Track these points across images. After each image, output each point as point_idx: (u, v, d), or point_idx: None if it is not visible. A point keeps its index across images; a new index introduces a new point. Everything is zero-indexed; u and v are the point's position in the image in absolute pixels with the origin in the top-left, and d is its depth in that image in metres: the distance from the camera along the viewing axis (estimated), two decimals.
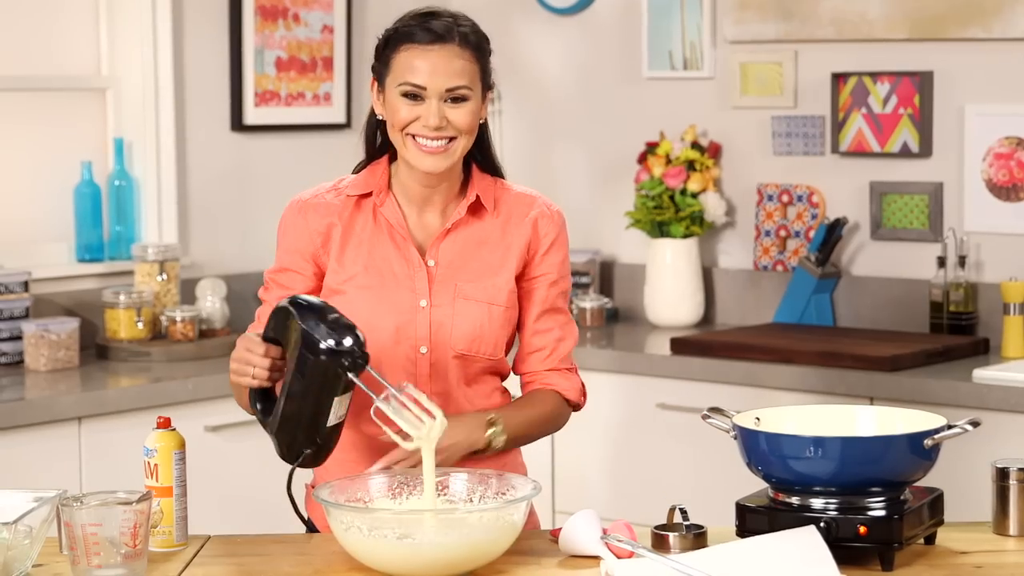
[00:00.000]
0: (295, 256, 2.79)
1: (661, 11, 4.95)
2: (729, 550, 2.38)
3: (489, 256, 2.78)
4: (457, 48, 2.70)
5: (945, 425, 2.46)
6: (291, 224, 2.81)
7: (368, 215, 2.78)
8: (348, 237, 2.77)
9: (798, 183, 4.79)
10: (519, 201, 2.82)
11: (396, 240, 2.77)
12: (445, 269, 2.76)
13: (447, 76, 2.68)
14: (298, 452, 2.55)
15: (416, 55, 2.69)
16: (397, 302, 2.74)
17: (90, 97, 4.77)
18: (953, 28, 4.46)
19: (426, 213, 2.79)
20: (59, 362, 4.30)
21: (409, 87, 2.69)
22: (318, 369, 2.50)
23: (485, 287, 2.76)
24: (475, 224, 2.79)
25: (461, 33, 2.71)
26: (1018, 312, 4.25)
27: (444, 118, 2.68)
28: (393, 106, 2.71)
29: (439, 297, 2.75)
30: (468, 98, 2.70)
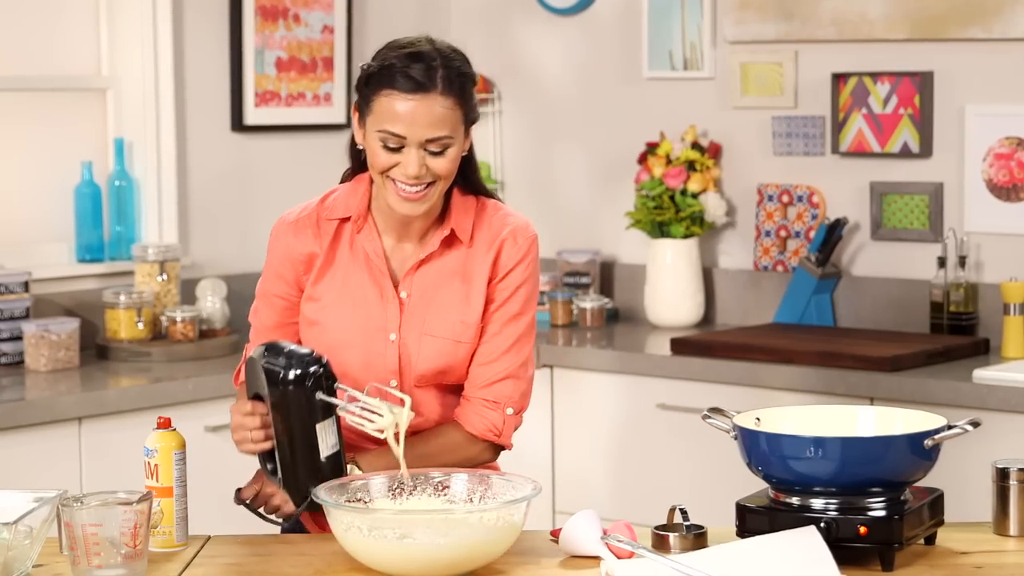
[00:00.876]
0: (279, 282, 2.80)
1: (661, 11, 4.95)
2: (729, 550, 2.38)
3: (460, 288, 2.75)
4: (439, 97, 2.62)
5: (945, 425, 2.46)
6: (276, 246, 2.80)
7: (346, 240, 2.77)
8: (327, 264, 2.77)
9: (798, 183, 4.79)
10: (491, 228, 2.76)
11: (372, 271, 2.75)
12: (416, 301, 2.74)
13: (428, 127, 2.62)
14: (306, 493, 2.54)
15: (397, 102, 2.62)
16: (368, 334, 2.74)
17: (90, 97, 4.77)
18: (953, 28, 4.46)
19: (404, 240, 2.77)
20: (59, 362, 4.29)
21: (389, 136, 2.63)
22: (289, 401, 2.51)
23: (452, 324, 2.74)
24: (449, 255, 2.76)
25: (444, 79, 2.63)
26: (1018, 312, 4.25)
27: (424, 166, 2.64)
28: (372, 148, 2.66)
29: (408, 331, 2.74)
30: (450, 146, 2.65)
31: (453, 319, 2.74)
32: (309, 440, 2.52)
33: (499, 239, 2.76)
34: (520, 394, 2.79)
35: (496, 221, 2.77)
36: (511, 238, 2.76)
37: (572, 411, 4.58)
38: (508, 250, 2.76)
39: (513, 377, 2.77)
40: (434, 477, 2.54)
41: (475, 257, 2.76)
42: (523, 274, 2.77)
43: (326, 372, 2.52)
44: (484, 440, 2.78)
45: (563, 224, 5.21)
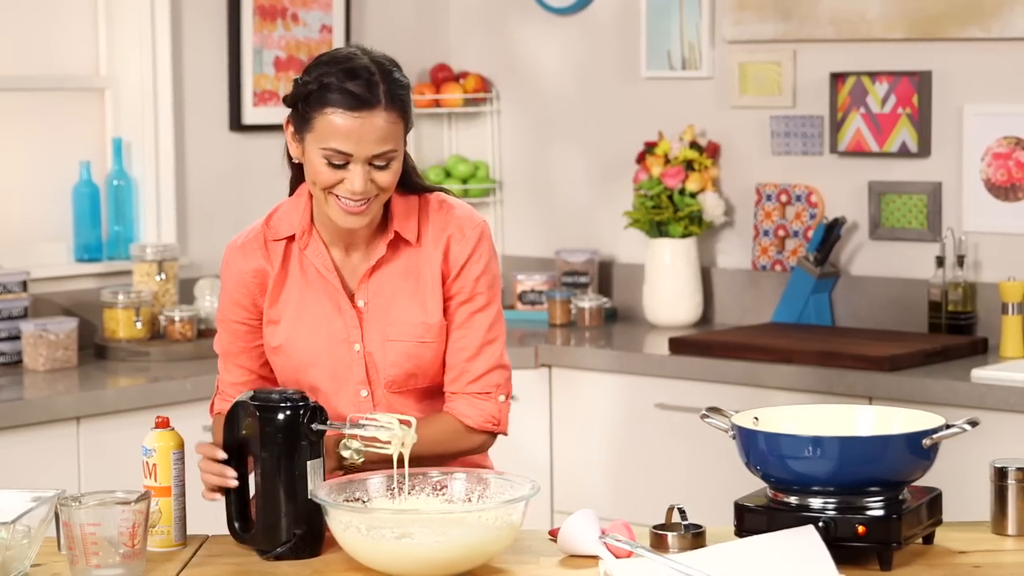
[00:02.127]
0: (236, 308, 2.79)
1: (660, 11, 4.95)
2: (728, 550, 2.38)
3: (415, 288, 2.74)
4: (383, 112, 2.60)
5: (943, 425, 2.46)
6: (228, 272, 2.79)
7: (295, 258, 2.76)
8: (280, 285, 2.76)
9: (797, 183, 4.79)
10: (437, 225, 2.75)
11: (325, 285, 2.74)
12: (374, 309, 2.73)
13: (374, 143, 2.60)
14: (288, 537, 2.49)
15: (340, 120, 2.59)
16: (332, 348, 2.74)
17: (89, 97, 4.77)
18: (952, 28, 4.46)
19: (352, 251, 2.75)
20: (57, 362, 4.29)
21: (335, 154, 2.61)
22: (283, 432, 2.48)
23: (413, 326, 2.73)
24: (399, 257, 2.75)
25: (386, 93, 2.60)
26: (1016, 312, 4.25)
27: (369, 181, 2.62)
28: (314, 166, 2.64)
29: (370, 338, 2.73)
30: (394, 159, 2.64)
31: (414, 321, 2.73)
32: (299, 477, 2.49)
33: (446, 235, 2.74)
34: (506, 379, 2.79)
35: (441, 217, 2.75)
36: (457, 232, 2.74)
37: (570, 411, 4.58)
38: (456, 245, 2.74)
39: (498, 367, 2.77)
40: (432, 477, 2.54)
41: (425, 255, 2.75)
42: (479, 266, 2.75)
43: (318, 407, 2.52)
44: (483, 431, 2.77)
45: (561, 224, 5.21)
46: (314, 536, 2.51)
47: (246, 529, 2.55)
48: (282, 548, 2.50)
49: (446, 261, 2.74)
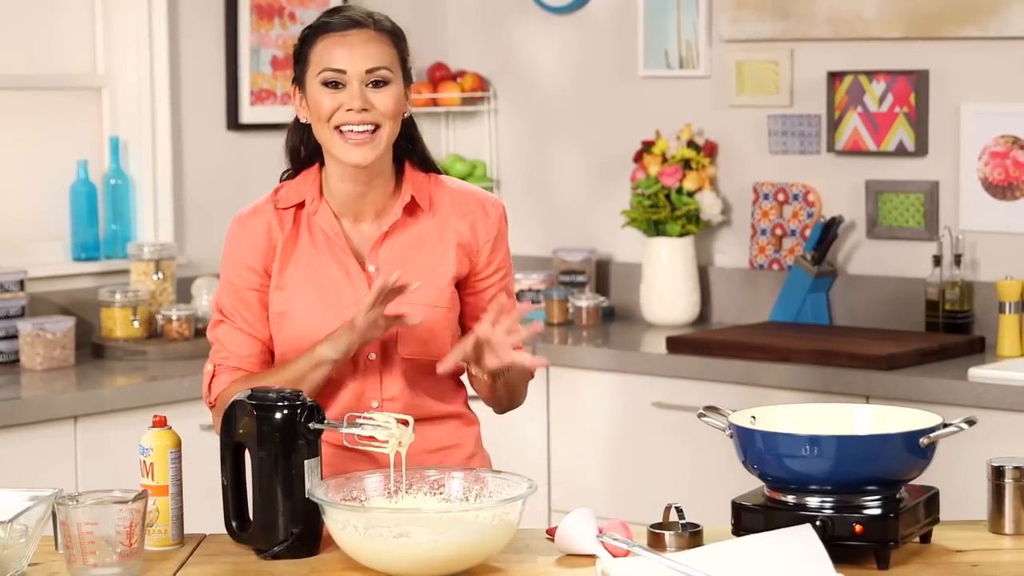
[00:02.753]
0: (247, 273, 2.77)
1: (657, 10, 4.95)
2: (725, 549, 2.38)
3: (428, 257, 2.77)
4: (374, 32, 2.71)
5: (941, 424, 2.46)
6: (237, 240, 2.79)
7: (304, 226, 2.77)
8: (288, 251, 2.77)
9: (794, 182, 4.79)
10: (456, 199, 2.80)
11: (333, 250, 2.75)
12: (386, 274, 2.73)
13: (365, 58, 2.68)
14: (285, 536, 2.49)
15: (333, 42, 2.70)
16: (341, 313, 2.72)
17: (86, 96, 4.77)
18: (949, 27, 4.46)
19: (361, 219, 2.77)
20: (55, 361, 4.29)
21: (329, 72, 2.69)
22: (280, 431, 2.48)
23: (428, 289, 2.74)
24: (412, 225, 2.77)
25: (376, 20, 2.73)
26: (1014, 311, 4.25)
27: (368, 101, 2.68)
28: (315, 99, 2.70)
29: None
30: (389, 81, 2.70)
31: (428, 286, 2.74)
32: (296, 476, 2.49)
33: (471, 212, 2.79)
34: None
35: (459, 192, 2.81)
36: (481, 209, 2.80)
37: (568, 409, 4.58)
38: (483, 223, 2.80)
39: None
40: (430, 476, 2.54)
41: (439, 224, 2.78)
42: (503, 241, 2.83)
43: (316, 406, 2.52)
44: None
45: (559, 222, 5.21)
46: (311, 535, 2.51)
47: (243, 528, 2.55)
48: (279, 547, 2.50)
49: (475, 239, 2.79)
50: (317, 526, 2.50)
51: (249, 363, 2.78)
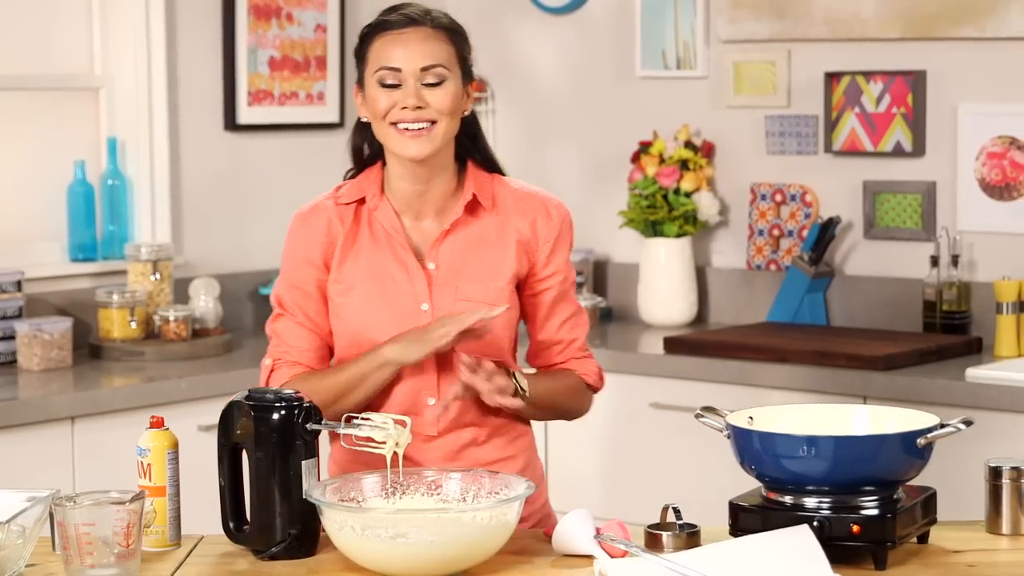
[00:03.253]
0: (309, 269, 2.77)
1: (654, 10, 4.95)
2: (722, 549, 2.38)
3: (489, 255, 2.77)
4: (430, 29, 2.72)
5: (938, 424, 2.46)
6: (297, 235, 2.80)
7: (364, 222, 2.78)
8: (347, 246, 2.77)
9: (791, 182, 4.79)
10: (518, 199, 2.81)
11: (393, 247, 2.76)
12: (445, 272, 2.75)
13: (421, 56, 2.69)
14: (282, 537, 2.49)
15: (390, 40, 2.70)
16: (398, 308, 2.73)
17: (83, 96, 4.77)
18: (946, 27, 4.46)
19: (422, 217, 2.78)
20: (52, 362, 4.29)
21: (385, 71, 2.69)
22: (277, 431, 2.48)
23: (486, 288, 2.75)
24: (473, 224, 2.78)
25: (434, 17, 2.74)
26: (1011, 311, 4.25)
27: (422, 99, 2.68)
28: (373, 97, 2.71)
29: (440, 300, 2.74)
30: (445, 79, 2.70)
31: (488, 285, 2.75)
32: (294, 477, 2.49)
33: (533, 212, 2.80)
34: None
35: (517, 192, 2.82)
36: (544, 211, 2.81)
37: None
38: (544, 226, 2.80)
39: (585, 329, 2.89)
40: (427, 476, 2.54)
41: (501, 223, 2.78)
42: (566, 242, 2.83)
43: (313, 407, 2.52)
44: (596, 389, 2.90)
45: None
46: (309, 536, 2.51)
47: (241, 529, 2.55)
48: (277, 548, 2.50)
49: (535, 239, 2.79)
50: (314, 527, 2.50)
51: (308, 357, 2.78)
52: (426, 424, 2.75)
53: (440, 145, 2.72)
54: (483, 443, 2.79)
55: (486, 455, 2.79)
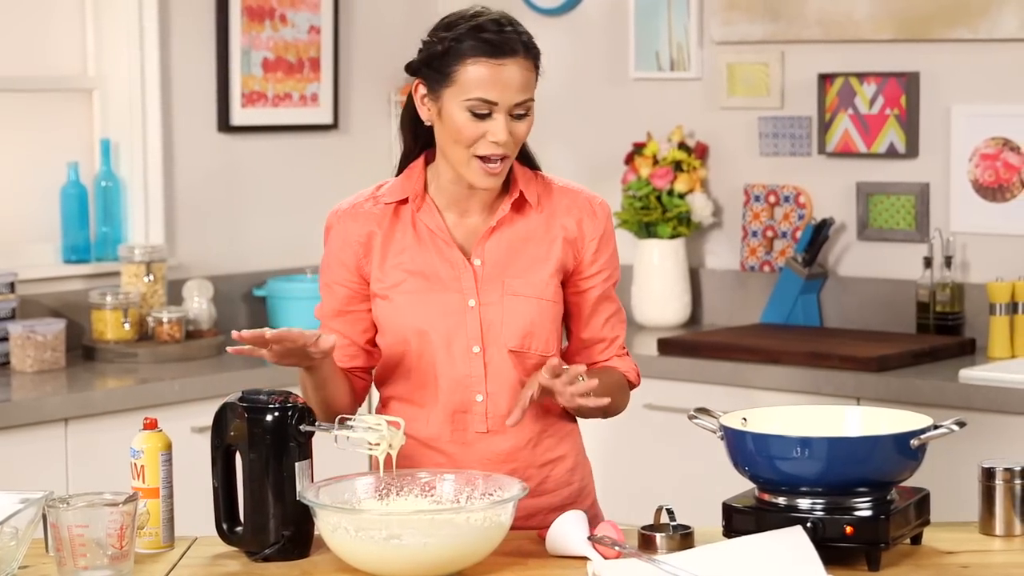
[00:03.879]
0: (339, 269, 2.78)
1: (648, 12, 4.96)
2: (716, 550, 2.38)
3: (535, 251, 2.77)
4: (523, 60, 2.68)
5: (931, 425, 2.46)
6: (334, 235, 2.79)
7: (407, 222, 2.76)
8: (388, 245, 2.75)
9: (785, 184, 4.79)
10: (563, 196, 2.81)
11: (437, 244, 2.74)
12: (491, 267, 2.74)
13: (518, 91, 2.66)
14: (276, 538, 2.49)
15: (489, 72, 2.64)
16: (445, 304, 2.72)
17: (76, 98, 4.77)
18: (939, 29, 4.46)
19: (468, 214, 2.77)
20: (45, 363, 4.29)
21: (480, 103, 2.64)
22: (271, 433, 2.48)
23: (533, 282, 2.75)
24: (519, 221, 2.77)
25: (523, 44, 2.70)
26: (1004, 312, 4.25)
27: (510, 132, 2.67)
28: (456, 121, 2.66)
29: (487, 295, 2.73)
30: (531, 109, 2.70)
31: (534, 279, 2.75)
32: (287, 479, 2.49)
33: (578, 210, 2.80)
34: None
35: (561, 190, 2.82)
36: (589, 208, 2.81)
37: None
38: (589, 225, 2.80)
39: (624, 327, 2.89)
40: (421, 478, 2.54)
41: (546, 220, 2.78)
42: (610, 240, 2.83)
43: (307, 408, 2.52)
44: (635, 386, 2.91)
45: None
46: (302, 537, 2.51)
47: (234, 530, 2.55)
48: (270, 549, 2.50)
49: (581, 237, 2.79)
50: (308, 528, 2.50)
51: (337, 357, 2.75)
52: (475, 421, 2.74)
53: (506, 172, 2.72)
54: (535, 445, 2.78)
55: (538, 457, 2.78)
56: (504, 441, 2.74)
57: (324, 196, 5.18)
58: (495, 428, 2.74)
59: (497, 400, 2.73)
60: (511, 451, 2.75)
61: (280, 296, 4.92)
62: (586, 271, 2.81)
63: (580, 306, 2.82)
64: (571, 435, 2.86)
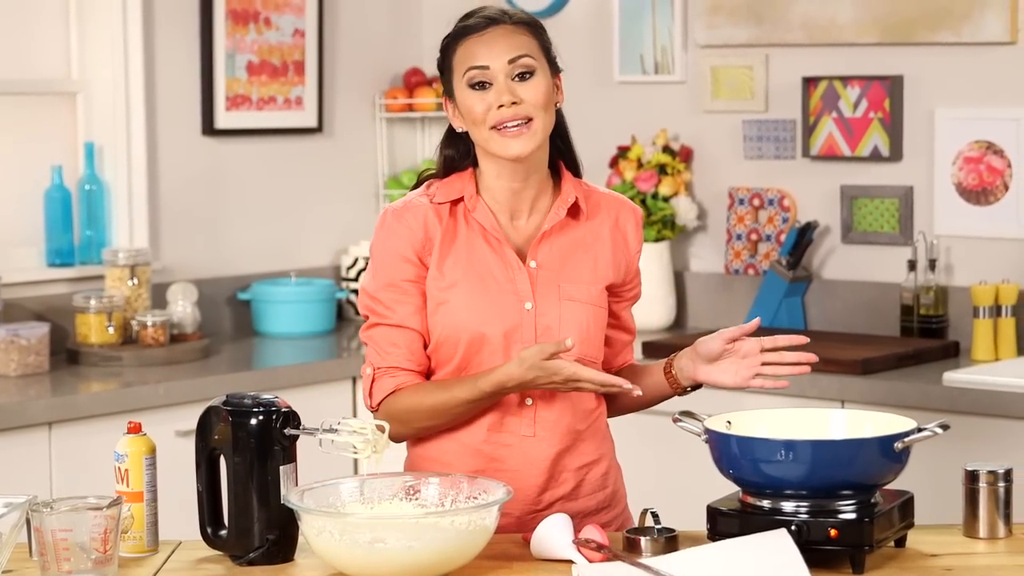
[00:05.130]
0: (405, 266, 2.72)
1: (632, 15, 4.96)
2: (700, 554, 2.38)
3: (585, 258, 2.77)
4: (510, 26, 2.71)
5: (915, 428, 2.47)
6: (392, 231, 2.73)
7: (461, 221, 2.75)
8: (446, 243, 2.74)
9: (769, 187, 4.80)
10: (607, 204, 2.82)
11: (492, 244, 2.74)
12: (547, 271, 2.74)
13: (506, 49, 2.68)
14: (260, 542, 2.49)
15: (473, 42, 2.70)
16: (502, 306, 2.71)
17: (61, 101, 4.76)
18: (923, 32, 4.47)
19: (517, 216, 2.77)
20: (29, 367, 4.28)
21: (474, 71, 2.68)
22: (255, 437, 2.48)
23: (588, 289, 2.75)
24: (570, 226, 2.78)
25: (512, 14, 2.73)
26: (988, 315, 4.26)
27: (516, 94, 2.67)
28: (466, 104, 2.69)
29: (543, 299, 2.72)
30: (534, 70, 2.69)
31: (588, 286, 2.76)
32: (272, 483, 2.49)
33: (624, 219, 2.82)
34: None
35: (604, 197, 2.84)
36: (632, 217, 2.84)
37: None
38: (633, 235, 2.83)
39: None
40: (406, 481, 2.54)
41: (594, 228, 2.79)
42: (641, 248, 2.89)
43: (292, 412, 2.52)
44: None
45: None
46: (287, 541, 2.51)
47: (219, 534, 2.54)
48: (255, 553, 2.50)
49: (626, 244, 2.82)
50: (293, 532, 2.50)
51: (409, 362, 2.72)
52: (522, 425, 2.73)
53: (540, 140, 2.71)
54: (574, 450, 2.78)
55: (575, 461, 2.78)
56: (548, 446, 2.74)
57: (309, 199, 5.18)
58: (540, 433, 2.74)
59: (546, 404, 2.73)
60: (552, 455, 2.75)
61: (264, 300, 4.92)
62: (629, 283, 2.85)
63: (617, 310, 2.85)
64: (606, 439, 2.86)
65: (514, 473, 2.71)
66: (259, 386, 4.23)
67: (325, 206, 5.20)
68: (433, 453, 2.75)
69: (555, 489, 2.74)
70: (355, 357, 4.58)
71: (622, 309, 2.88)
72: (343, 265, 5.18)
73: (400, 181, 5.31)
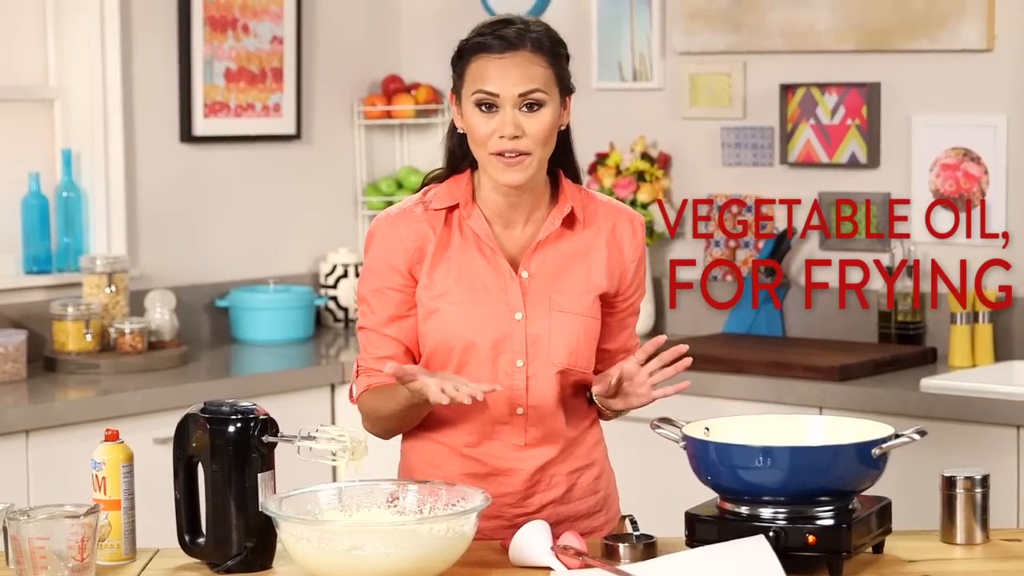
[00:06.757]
0: (391, 273, 2.74)
1: (610, 22, 4.97)
2: (679, 560, 2.38)
3: (579, 268, 2.76)
4: (529, 54, 2.69)
5: (893, 434, 2.47)
6: (384, 238, 2.74)
7: (455, 228, 2.75)
8: (439, 252, 2.73)
9: (747, 193, 4.80)
10: (605, 212, 2.80)
11: (485, 253, 2.73)
12: (539, 281, 2.74)
13: (519, 82, 2.66)
14: (238, 550, 2.49)
15: (488, 63, 2.68)
16: (492, 316, 2.71)
17: (38, 108, 4.75)
18: (900, 40, 4.48)
19: (513, 226, 2.76)
20: (6, 374, 4.27)
21: (483, 95, 2.67)
22: (233, 444, 2.48)
23: (580, 300, 2.74)
24: (566, 236, 2.77)
25: (533, 39, 2.71)
26: (965, 322, 4.27)
27: (519, 127, 2.66)
28: (471, 120, 2.69)
29: (534, 310, 2.72)
30: (543, 103, 2.68)
31: (581, 297, 2.74)
32: (250, 490, 2.49)
33: (620, 230, 2.80)
34: None
35: (603, 206, 2.81)
36: (629, 226, 2.81)
37: None
38: (629, 246, 2.80)
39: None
40: (384, 488, 2.54)
41: (591, 237, 2.78)
42: (644, 258, 2.85)
43: (270, 419, 2.52)
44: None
45: None
46: (265, 549, 2.51)
47: (196, 542, 2.54)
48: (233, 561, 2.49)
49: (621, 253, 2.79)
50: (271, 539, 2.50)
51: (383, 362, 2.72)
52: (514, 434, 2.73)
53: (536, 172, 2.70)
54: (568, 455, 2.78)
55: (568, 465, 2.78)
56: (539, 453, 2.74)
57: (287, 206, 5.18)
58: (532, 441, 2.74)
59: (537, 414, 2.73)
60: (543, 462, 2.75)
61: (243, 307, 4.91)
62: (625, 293, 2.82)
63: (612, 321, 2.83)
64: (599, 443, 2.87)
65: (505, 477, 2.71)
66: (237, 393, 4.23)
67: (303, 213, 5.20)
68: (426, 456, 2.76)
69: (546, 493, 2.75)
70: (333, 364, 4.57)
71: (624, 326, 2.85)
72: (321, 272, 5.18)
73: (379, 188, 5.30)
